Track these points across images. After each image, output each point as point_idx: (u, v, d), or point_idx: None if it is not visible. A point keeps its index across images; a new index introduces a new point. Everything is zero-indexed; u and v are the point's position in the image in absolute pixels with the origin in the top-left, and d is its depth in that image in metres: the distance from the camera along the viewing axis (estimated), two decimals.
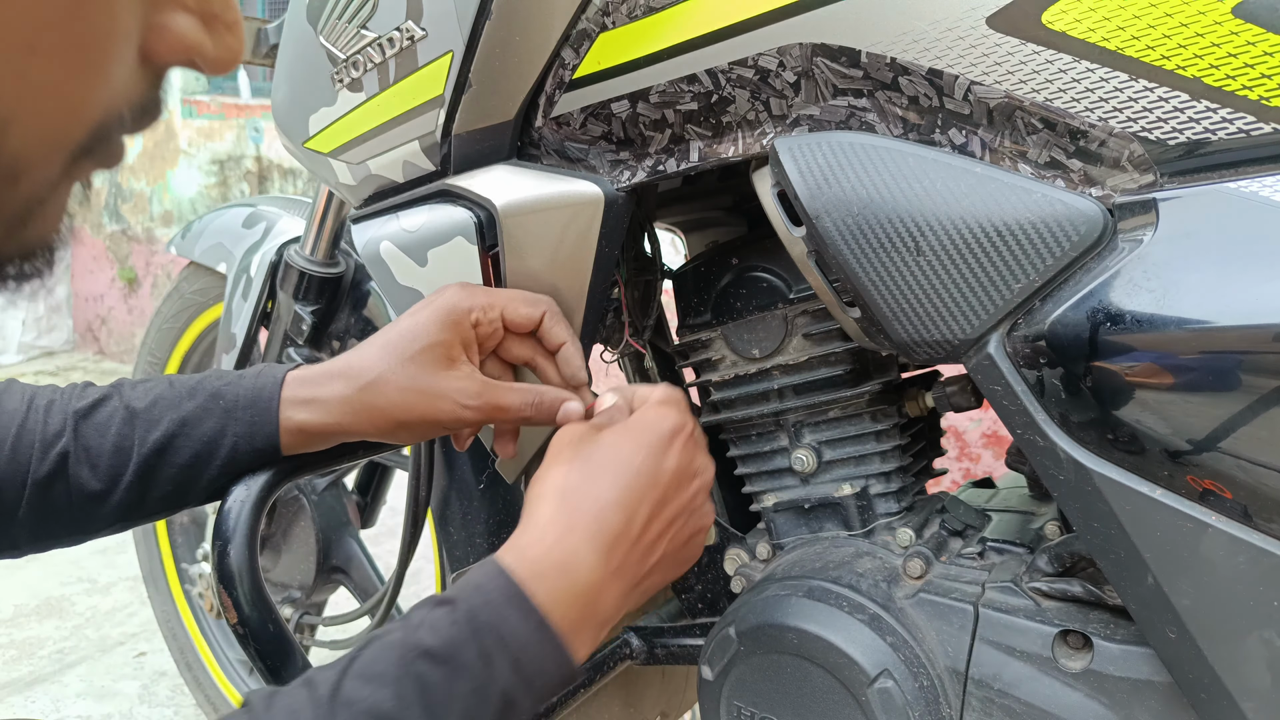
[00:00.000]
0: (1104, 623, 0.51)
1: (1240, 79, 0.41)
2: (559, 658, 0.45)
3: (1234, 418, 0.42)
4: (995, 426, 1.87)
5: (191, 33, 0.28)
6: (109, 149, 0.28)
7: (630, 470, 0.50)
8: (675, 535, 0.52)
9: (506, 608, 0.44)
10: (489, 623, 0.43)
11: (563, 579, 0.46)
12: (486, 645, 0.43)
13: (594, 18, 0.53)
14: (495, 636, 0.43)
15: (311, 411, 0.57)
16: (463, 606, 0.44)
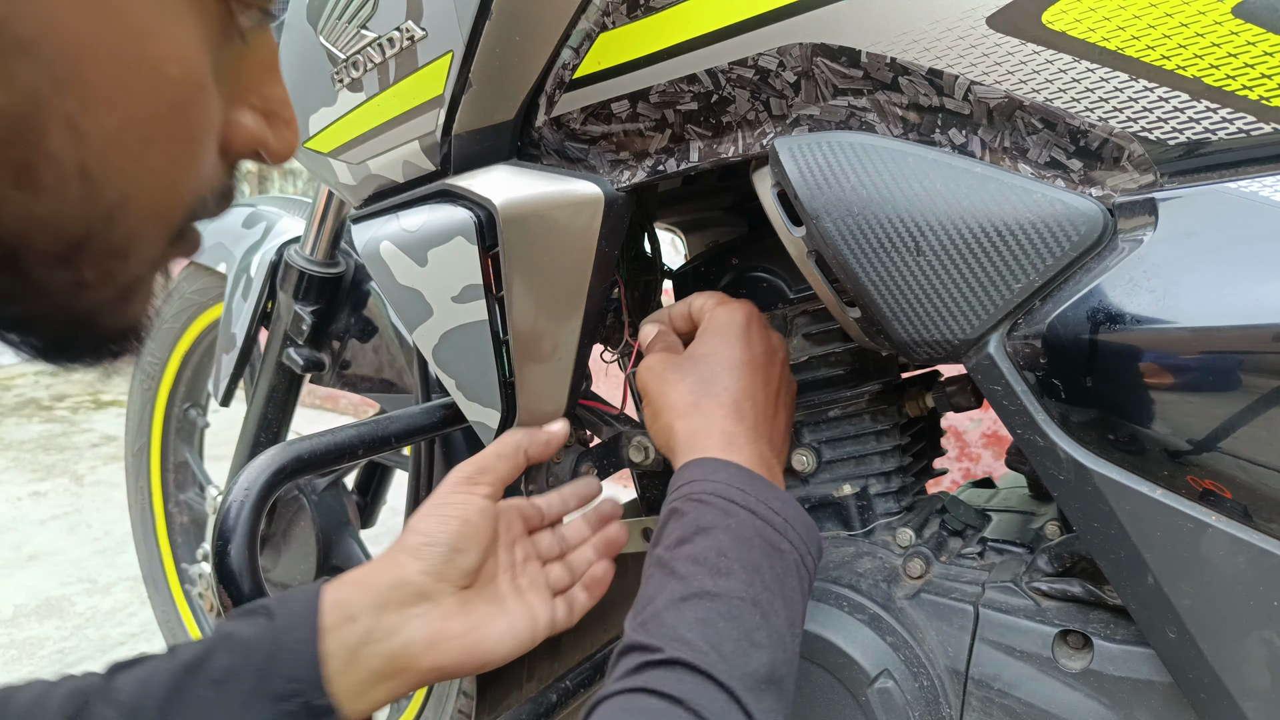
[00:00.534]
0: (1104, 623, 0.52)
1: (1240, 79, 0.41)
2: (781, 494, 0.51)
3: (1234, 418, 0.42)
4: (995, 426, 1.87)
5: (258, 128, 0.33)
6: (190, 236, 0.31)
7: (737, 364, 0.56)
8: (784, 402, 0.59)
9: (716, 472, 0.50)
10: (707, 490, 0.49)
11: (740, 457, 0.52)
12: (719, 505, 0.49)
13: (594, 18, 0.53)
14: (719, 497, 0.49)
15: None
16: (679, 502, 0.50)
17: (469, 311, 0.64)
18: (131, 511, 1.51)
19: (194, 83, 0.28)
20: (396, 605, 0.52)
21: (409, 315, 0.68)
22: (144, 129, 0.27)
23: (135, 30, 0.26)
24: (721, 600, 0.45)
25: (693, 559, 0.47)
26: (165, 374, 1.43)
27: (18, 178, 0.25)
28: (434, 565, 0.53)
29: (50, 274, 0.27)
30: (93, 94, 0.25)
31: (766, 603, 0.46)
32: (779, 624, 0.46)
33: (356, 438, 0.70)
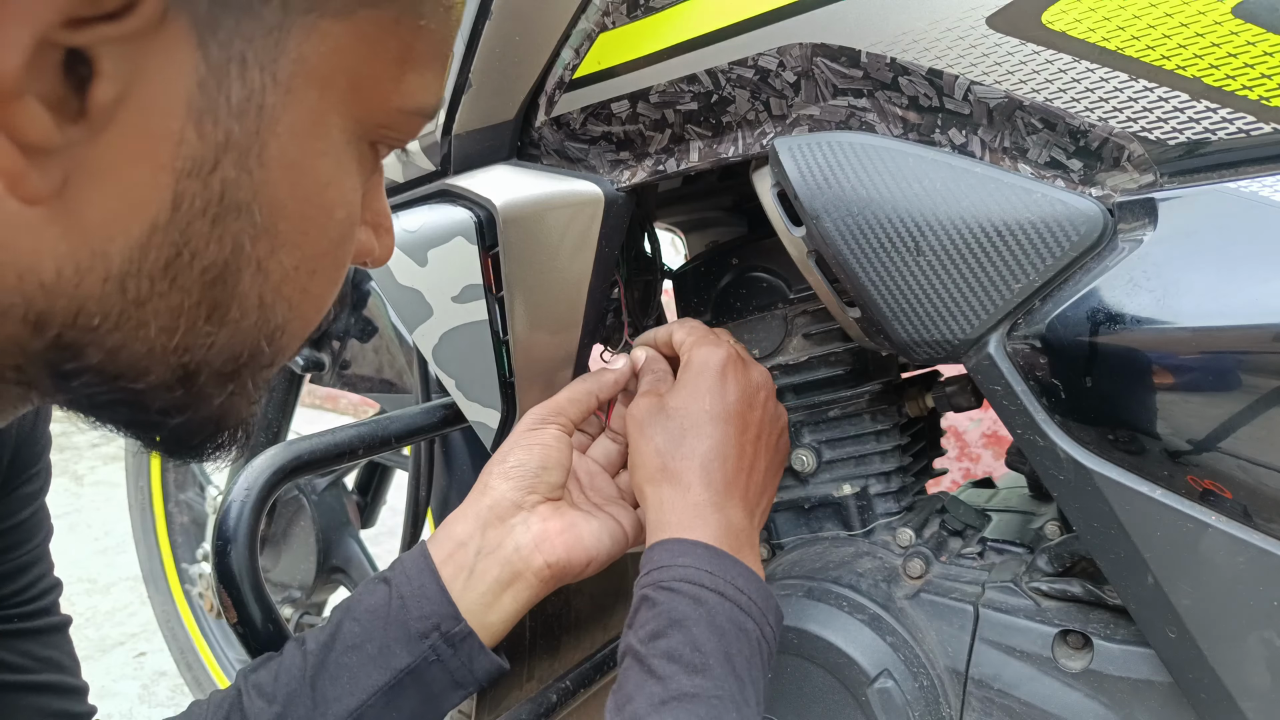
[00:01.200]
0: (1104, 623, 0.52)
1: (1240, 79, 0.41)
2: (745, 571, 0.51)
3: (1234, 418, 0.42)
4: (995, 426, 1.87)
5: (368, 240, 0.37)
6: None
7: (708, 419, 0.55)
8: (765, 445, 0.58)
9: (683, 556, 0.50)
10: (677, 578, 0.49)
11: (705, 532, 0.52)
12: (689, 592, 0.49)
13: (594, 18, 0.53)
14: (689, 584, 0.49)
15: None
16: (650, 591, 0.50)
17: (469, 311, 0.64)
18: (131, 511, 1.51)
19: (352, 220, 0.33)
20: (497, 520, 0.55)
21: (409, 315, 0.68)
22: (313, 264, 0.31)
23: (318, 185, 0.30)
24: (699, 701, 0.45)
25: (668, 656, 0.47)
26: None
27: (211, 313, 0.29)
28: (524, 481, 0.56)
29: (215, 388, 0.31)
30: (280, 240, 0.29)
31: (739, 693, 0.46)
32: (749, 712, 0.46)
33: (356, 438, 0.70)
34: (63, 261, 0.25)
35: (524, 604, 0.55)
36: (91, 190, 0.25)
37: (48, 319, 0.26)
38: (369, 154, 0.33)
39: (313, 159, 0.29)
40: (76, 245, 0.25)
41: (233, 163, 0.27)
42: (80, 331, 0.27)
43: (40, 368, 0.27)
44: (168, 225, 0.26)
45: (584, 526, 0.57)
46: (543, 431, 0.59)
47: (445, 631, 0.52)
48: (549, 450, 0.58)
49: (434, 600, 0.53)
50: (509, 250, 0.60)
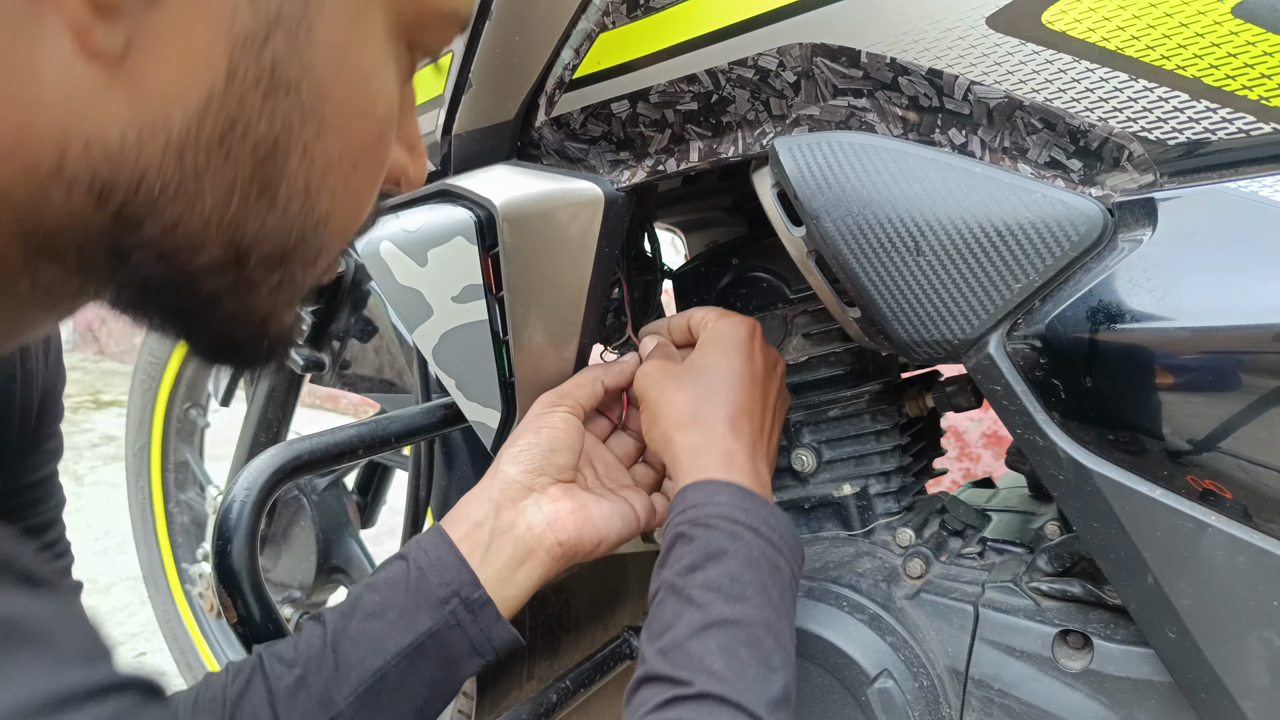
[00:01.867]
0: (1104, 623, 0.51)
1: (1240, 79, 0.41)
2: (775, 510, 0.53)
3: (1234, 418, 0.42)
4: (995, 426, 1.87)
5: (401, 159, 0.37)
6: (338, 258, 0.36)
7: (736, 377, 0.57)
8: (778, 418, 0.60)
9: (718, 494, 0.52)
10: (713, 514, 0.51)
11: (738, 476, 0.53)
12: (725, 529, 0.50)
13: (594, 17, 0.53)
14: (725, 519, 0.50)
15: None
16: (685, 527, 0.51)
17: (469, 311, 0.64)
18: (131, 511, 1.51)
19: (391, 117, 0.34)
20: (509, 502, 0.57)
21: (409, 315, 0.68)
22: (354, 155, 0.32)
23: (361, 75, 0.31)
24: (740, 627, 0.46)
25: (707, 586, 0.48)
26: (165, 374, 1.43)
27: (261, 191, 0.30)
28: (533, 464, 0.58)
29: (263, 274, 0.32)
30: (326, 125, 0.30)
31: (776, 624, 0.47)
32: (786, 643, 0.48)
33: (356, 438, 0.70)
34: (127, 128, 0.26)
35: (536, 581, 0.56)
36: (153, 56, 0.26)
37: (112, 189, 0.27)
38: (405, 56, 0.34)
39: (357, 47, 0.31)
40: (139, 111, 0.26)
41: (283, 39, 0.28)
42: (141, 203, 0.28)
43: (99, 246, 0.28)
44: (223, 96, 0.27)
45: (595, 508, 0.58)
46: (551, 415, 0.60)
47: (465, 598, 0.54)
48: (557, 433, 0.59)
49: (453, 569, 0.54)
50: (509, 250, 0.60)
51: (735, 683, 0.44)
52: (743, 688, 0.44)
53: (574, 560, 0.58)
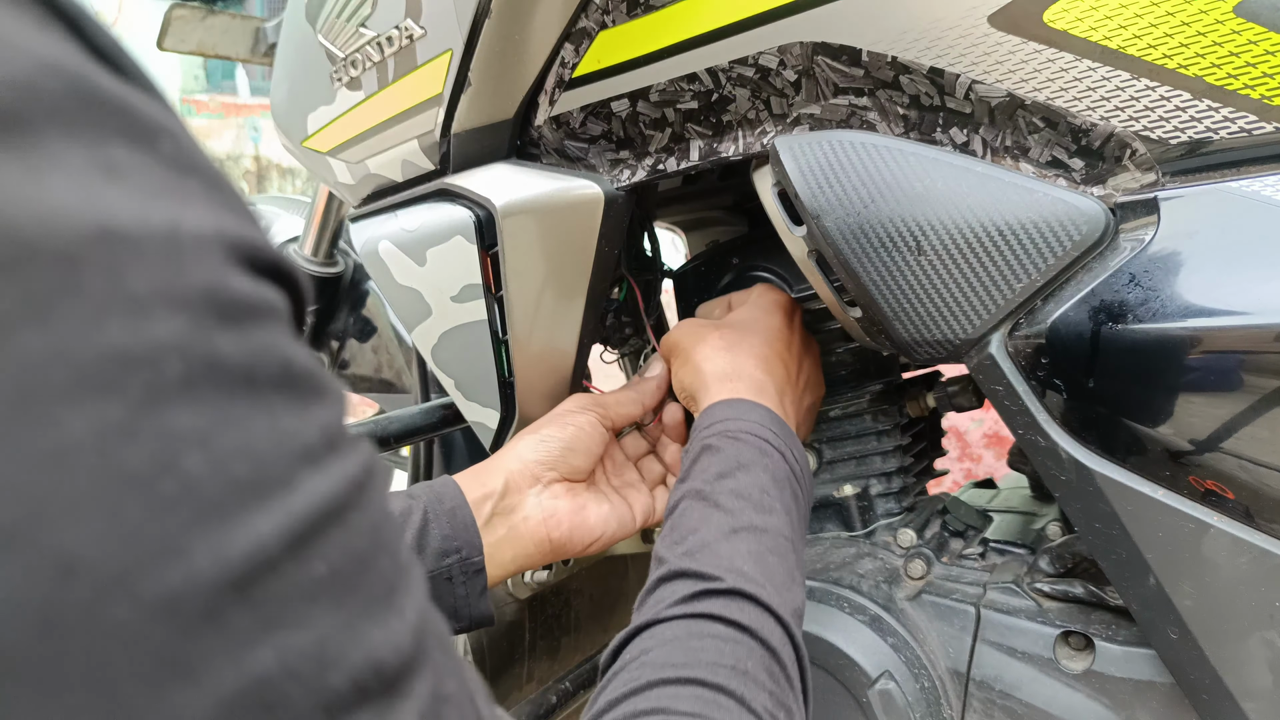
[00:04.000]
0: (1106, 624, 0.51)
1: (1242, 78, 0.41)
2: (800, 445, 0.53)
3: (1236, 418, 0.42)
4: (997, 427, 1.87)
5: None
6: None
7: (773, 331, 0.58)
8: (812, 393, 0.60)
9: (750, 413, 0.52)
10: (744, 429, 0.51)
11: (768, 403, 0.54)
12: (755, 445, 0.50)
13: (594, 15, 0.53)
14: (755, 436, 0.51)
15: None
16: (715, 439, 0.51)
17: (468, 311, 0.64)
18: None
19: None
20: (516, 487, 0.58)
21: (408, 315, 0.68)
22: None
23: None
24: (769, 536, 0.46)
25: (736, 494, 0.47)
26: None
27: None
28: (548, 458, 0.59)
29: None
30: None
31: (797, 544, 0.48)
32: (803, 567, 0.48)
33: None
34: None
35: (520, 566, 0.58)
36: None
37: None
38: None
39: None
40: None
41: None
42: None
43: None
44: None
45: (593, 509, 0.59)
46: (581, 415, 0.61)
47: (465, 558, 0.54)
48: (581, 434, 0.60)
49: (463, 526, 0.55)
50: (508, 250, 0.60)
51: (765, 585, 0.43)
52: (771, 592, 0.43)
53: (563, 555, 0.58)
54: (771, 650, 0.41)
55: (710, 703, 0.37)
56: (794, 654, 0.42)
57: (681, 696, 0.37)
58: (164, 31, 1.02)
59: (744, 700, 0.37)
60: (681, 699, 0.37)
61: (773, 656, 0.40)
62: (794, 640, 0.43)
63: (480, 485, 0.58)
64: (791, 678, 0.41)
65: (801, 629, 0.44)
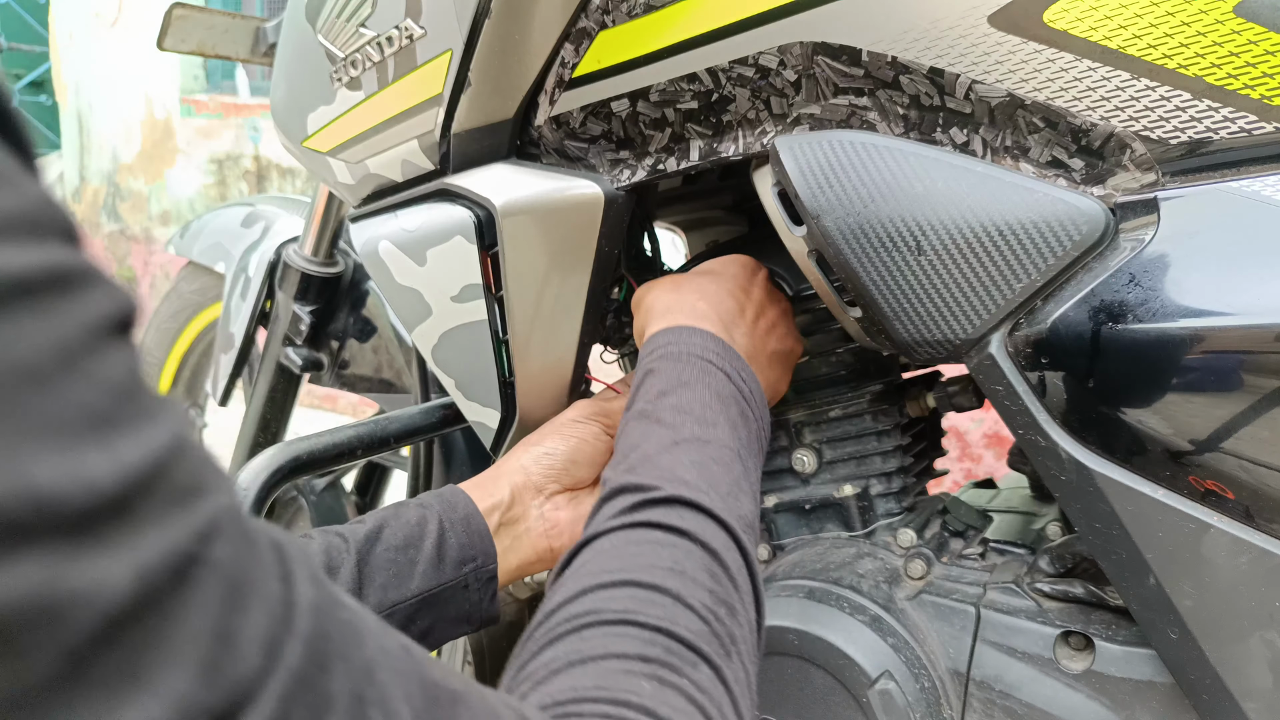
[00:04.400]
0: (1106, 624, 0.51)
1: (1242, 78, 0.41)
2: (747, 366, 0.52)
3: (1236, 418, 0.42)
4: (997, 427, 1.87)
5: None
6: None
7: (728, 277, 0.58)
8: (777, 340, 0.59)
9: (690, 336, 0.51)
10: (685, 350, 0.50)
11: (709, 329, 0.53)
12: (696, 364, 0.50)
13: (594, 16, 0.53)
14: (696, 356, 0.50)
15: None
16: (656, 362, 0.51)
17: (468, 311, 0.64)
18: None
19: None
20: (519, 499, 0.59)
21: (408, 315, 0.68)
22: None
23: None
24: (712, 447, 0.45)
25: (678, 409, 0.47)
26: (163, 374, 1.42)
27: None
28: (551, 471, 0.59)
29: None
30: None
31: (746, 458, 0.47)
32: (754, 483, 0.47)
33: (355, 438, 0.69)
34: None
35: (523, 572, 0.59)
36: None
37: None
38: None
39: None
40: None
41: None
42: None
43: None
44: None
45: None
46: (585, 426, 0.61)
47: (480, 566, 0.56)
48: (584, 445, 0.60)
49: (479, 535, 0.56)
50: (508, 250, 0.60)
51: (708, 492, 0.42)
52: (715, 498, 0.42)
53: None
54: (713, 552, 0.40)
55: (644, 600, 0.36)
56: (741, 559, 0.41)
57: (616, 598, 0.36)
58: (164, 31, 1.02)
59: (680, 597, 0.37)
60: (615, 600, 0.36)
61: (714, 558, 0.40)
62: (741, 545, 0.42)
63: (487, 495, 0.58)
64: (737, 580, 0.40)
65: (754, 538, 0.44)
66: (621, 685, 0.33)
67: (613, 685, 0.33)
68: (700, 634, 0.36)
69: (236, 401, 1.21)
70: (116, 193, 3.81)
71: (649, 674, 0.33)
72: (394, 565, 0.54)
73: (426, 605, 0.54)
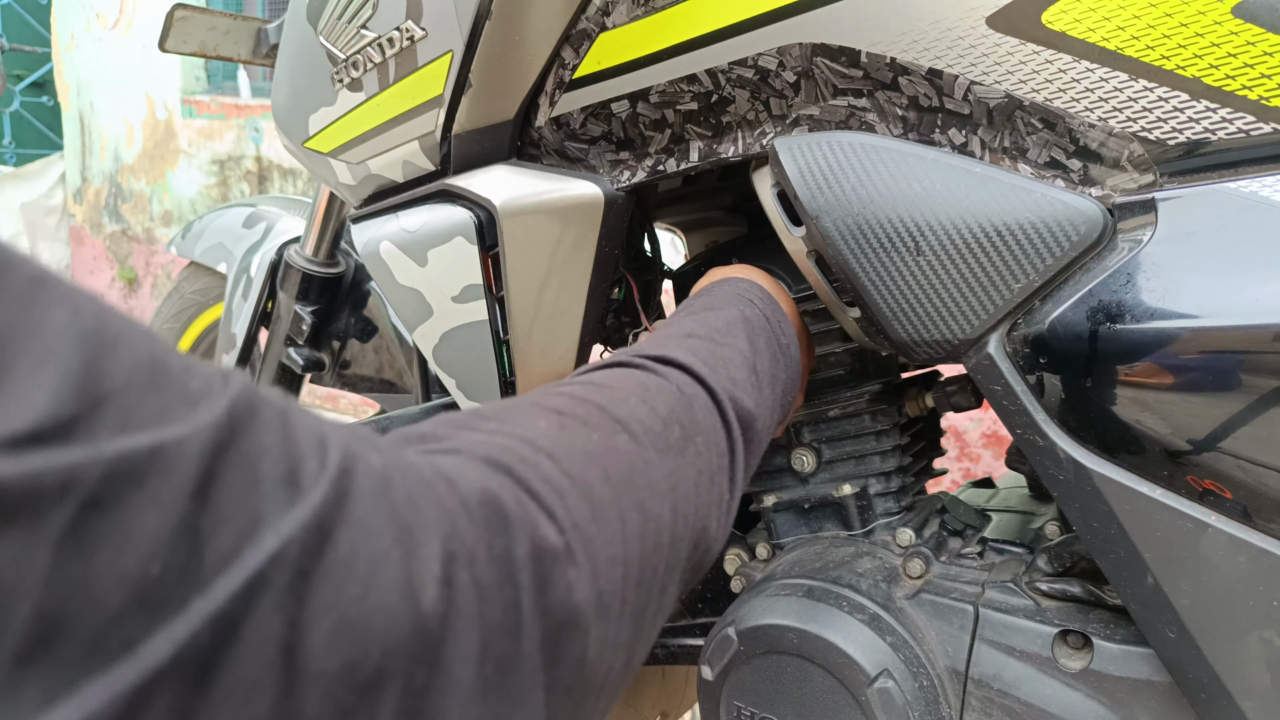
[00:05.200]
0: (1104, 623, 0.51)
1: (1240, 79, 0.41)
2: (784, 318, 0.54)
3: (1234, 418, 0.42)
4: (995, 426, 1.87)
5: None
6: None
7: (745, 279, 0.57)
8: (805, 344, 0.59)
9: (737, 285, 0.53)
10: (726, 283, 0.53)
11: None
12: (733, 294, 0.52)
13: (594, 17, 0.53)
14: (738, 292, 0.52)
15: None
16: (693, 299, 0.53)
17: (469, 311, 0.64)
18: None
19: None
20: None
21: (409, 315, 0.68)
22: None
23: None
24: (725, 349, 0.46)
25: (699, 321, 0.48)
26: None
27: None
28: None
29: None
30: None
31: (761, 374, 0.47)
32: (767, 399, 0.47)
33: None
34: None
35: None
36: None
37: None
38: None
39: None
40: None
41: None
42: None
43: None
44: None
45: None
46: None
47: None
48: None
49: None
50: (509, 250, 0.60)
51: (703, 366, 0.42)
52: (708, 371, 0.42)
53: None
54: (687, 397, 0.40)
55: (589, 389, 0.36)
56: (721, 422, 0.41)
57: (564, 385, 0.36)
58: (165, 33, 1.02)
59: (607, 406, 0.35)
60: (561, 385, 0.36)
61: (685, 402, 0.39)
62: (724, 416, 0.41)
63: None
64: (704, 425, 0.40)
65: (742, 423, 0.43)
66: (519, 419, 0.31)
67: (508, 418, 0.31)
68: (637, 418, 0.35)
69: None
70: (118, 193, 3.82)
71: (555, 419, 0.32)
72: None
73: None
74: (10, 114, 4.19)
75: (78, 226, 4.03)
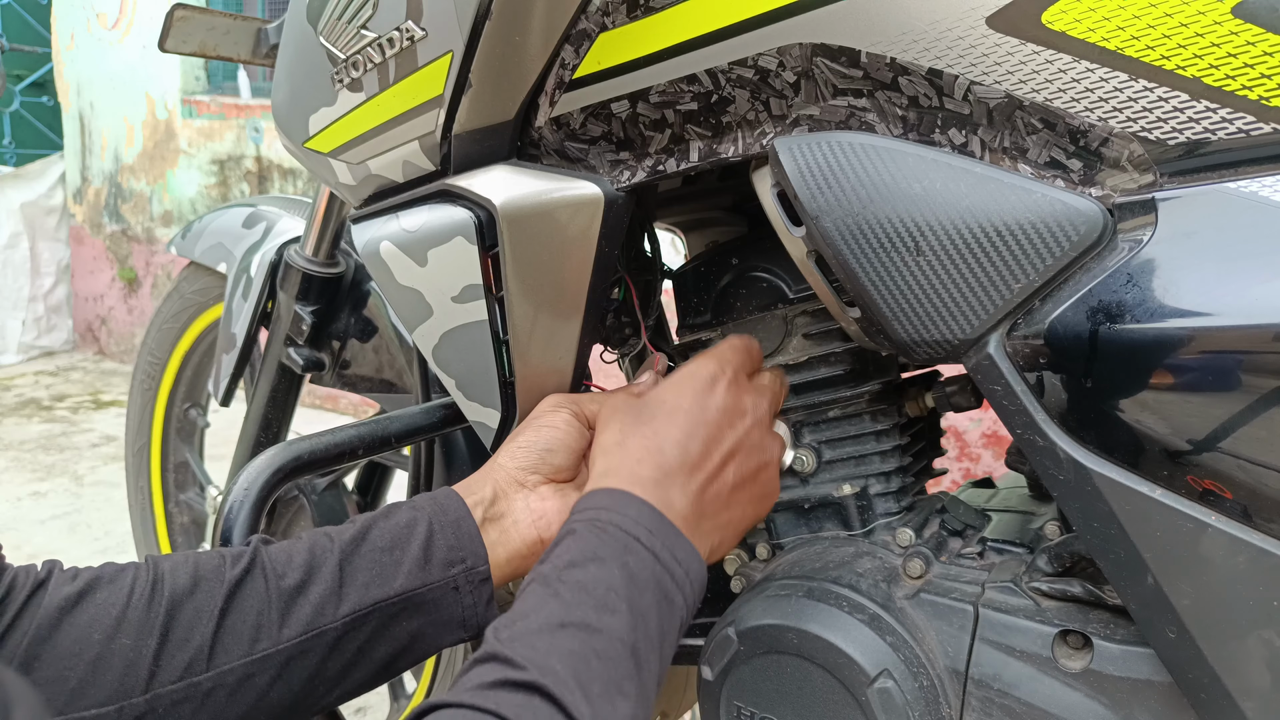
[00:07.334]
0: (1104, 623, 0.51)
1: (1240, 79, 0.41)
2: (689, 545, 0.50)
3: (1234, 418, 0.42)
4: (995, 426, 1.87)
5: None
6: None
7: (679, 413, 0.54)
8: (740, 469, 0.56)
9: (624, 506, 0.49)
10: (612, 521, 0.48)
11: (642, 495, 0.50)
12: (619, 539, 0.48)
13: (594, 17, 0.53)
14: (622, 531, 0.48)
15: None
16: (580, 525, 0.49)
17: (469, 311, 0.64)
18: (131, 512, 1.51)
19: None
20: (503, 494, 0.59)
21: (409, 315, 0.68)
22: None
23: None
24: (601, 637, 0.42)
25: (580, 586, 0.44)
26: (165, 374, 1.43)
27: None
28: (528, 461, 0.60)
29: None
30: None
31: (644, 654, 0.44)
32: (648, 680, 0.44)
33: (356, 438, 0.70)
34: None
35: (517, 569, 0.59)
36: None
37: None
38: None
39: None
40: None
41: None
42: None
43: None
44: None
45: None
46: (555, 414, 0.61)
47: (470, 567, 0.56)
48: (557, 433, 0.60)
49: (467, 537, 0.56)
50: (509, 250, 0.60)
51: (573, 690, 0.39)
52: (579, 698, 0.39)
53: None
54: None
55: None
56: None
57: None
58: (165, 33, 1.02)
59: None
60: None
61: None
62: None
63: (471, 493, 0.59)
64: None
65: None
66: None
67: None
68: None
69: (238, 401, 1.21)
70: (118, 193, 3.82)
71: None
72: (378, 565, 0.54)
73: (412, 605, 0.54)
74: (10, 114, 4.19)
75: (78, 226, 4.03)
